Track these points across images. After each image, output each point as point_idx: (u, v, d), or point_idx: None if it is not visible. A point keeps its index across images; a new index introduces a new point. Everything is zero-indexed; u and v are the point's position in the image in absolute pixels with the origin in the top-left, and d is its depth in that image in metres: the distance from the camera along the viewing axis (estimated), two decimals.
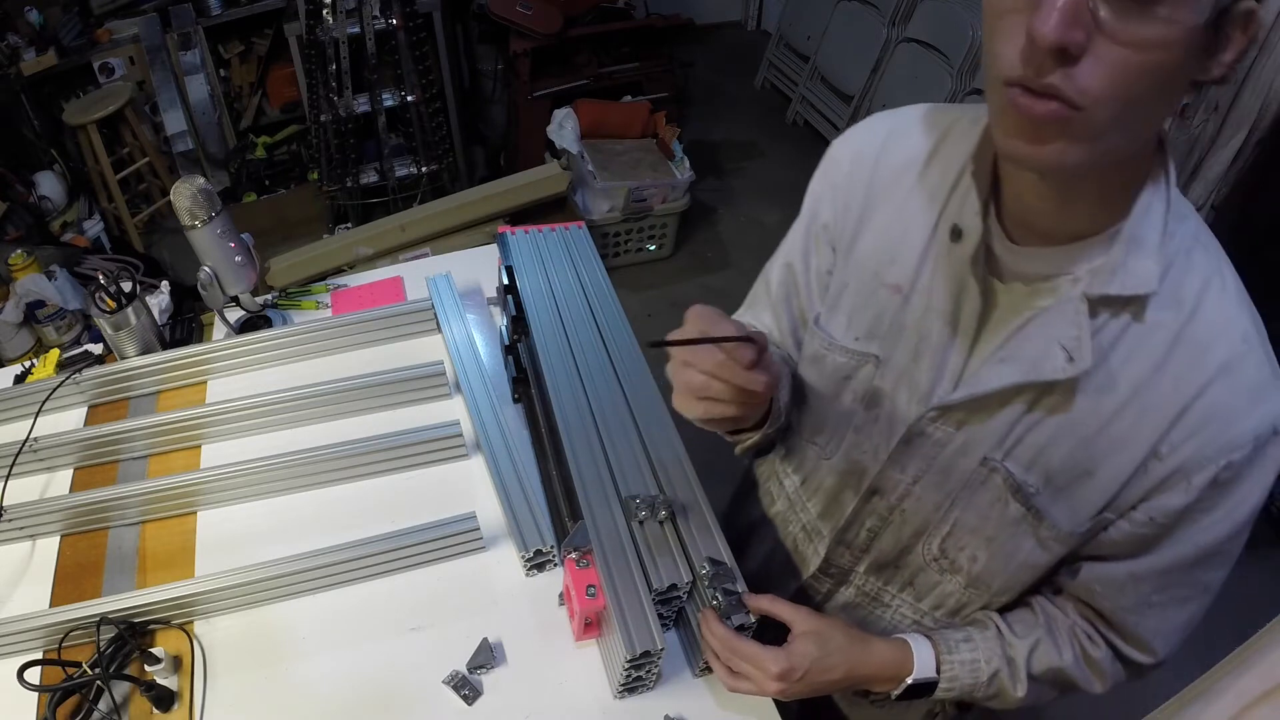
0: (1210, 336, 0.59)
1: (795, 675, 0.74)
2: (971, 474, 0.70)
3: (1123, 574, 0.70)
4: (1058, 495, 0.67)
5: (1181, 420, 0.60)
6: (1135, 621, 0.72)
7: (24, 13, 3.01)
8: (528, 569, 0.96)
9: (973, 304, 0.66)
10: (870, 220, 0.74)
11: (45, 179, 3.06)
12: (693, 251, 3.18)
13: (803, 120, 3.85)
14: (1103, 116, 0.49)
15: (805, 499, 0.91)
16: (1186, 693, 0.52)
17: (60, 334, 2.54)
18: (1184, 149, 2.16)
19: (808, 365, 0.83)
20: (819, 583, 0.91)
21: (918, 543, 0.79)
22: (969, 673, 0.76)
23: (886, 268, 0.72)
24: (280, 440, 1.12)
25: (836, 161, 0.78)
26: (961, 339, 0.68)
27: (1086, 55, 0.47)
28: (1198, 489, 0.62)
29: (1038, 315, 0.62)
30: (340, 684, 0.86)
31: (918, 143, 0.72)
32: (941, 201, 0.68)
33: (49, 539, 1.03)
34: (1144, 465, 0.63)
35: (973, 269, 0.64)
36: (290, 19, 2.91)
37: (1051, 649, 0.75)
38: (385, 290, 1.40)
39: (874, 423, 0.77)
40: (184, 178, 1.16)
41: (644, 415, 0.98)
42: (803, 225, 0.83)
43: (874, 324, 0.74)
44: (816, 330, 0.80)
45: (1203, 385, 0.59)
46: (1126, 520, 0.66)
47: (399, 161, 3.04)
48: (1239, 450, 0.60)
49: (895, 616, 0.87)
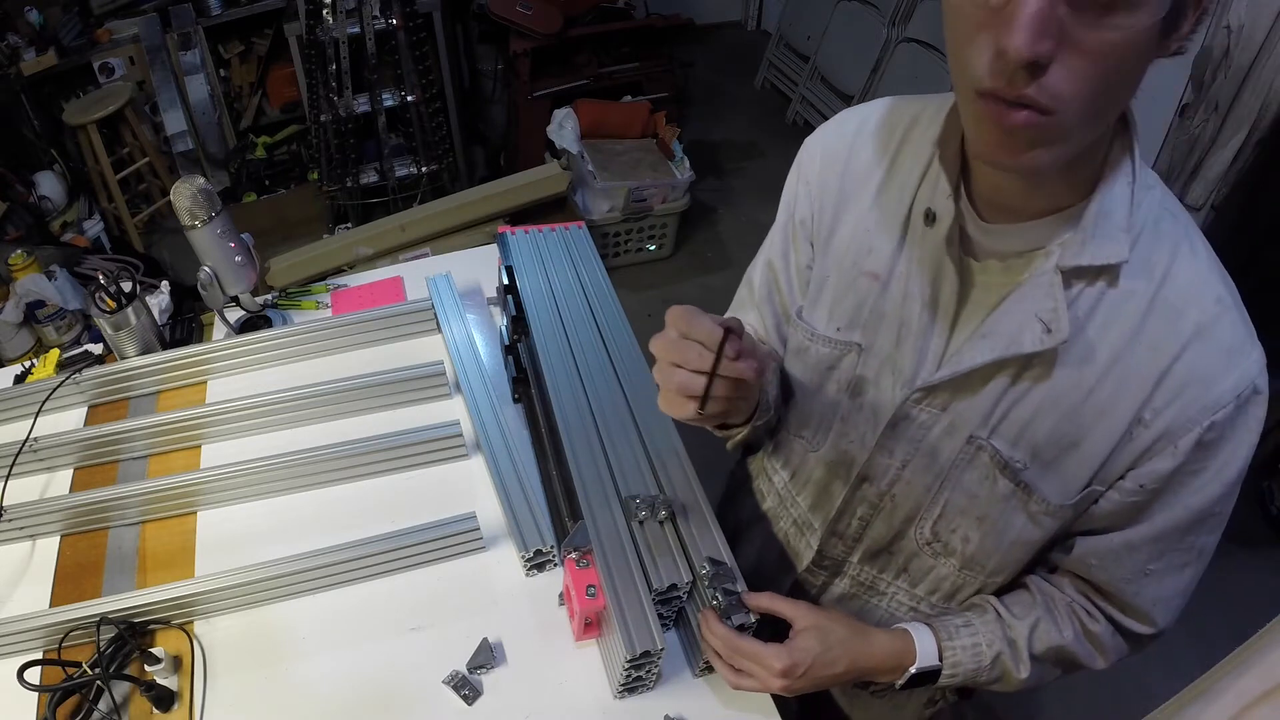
0: (1183, 301, 0.61)
1: (798, 671, 0.74)
2: (959, 454, 0.71)
3: (1118, 544, 0.70)
4: (1046, 469, 0.68)
5: (1162, 385, 0.62)
6: (1134, 591, 0.72)
7: (24, 13, 3.01)
8: (528, 569, 0.96)
9: (950, 285, 0.67)
10: (845, 213, 0.75)
11: (45, 179, 3.06)
12: (693, 251, 3.18)
13: (803, 120, 3.85)
14: (1074, 116, 0.51)
15: (795, 493, 0.91)
16: (1186, 693, 0.52)
17: (60, 334, 2.54)
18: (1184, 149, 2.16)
19: (792, 358, 0.85)
20: (814, 576, 0.91)
21: (909, 527, 0.79)
22: (971, 658, 0.76)
23: (864, 257, 0.74)
24: (280, 440, 1.12)
25: (809, 158, 0.80)
26: (941, 321, 0.69)
27: (1055, 62, 0.48)
28: (1184, 452, 0.63)
29: (1014, 291, 0.64)
30: (340, 684, 0.86)
31: (887, 134, 0.73)
32: (913, 188, 0.70)
33: (49, 539, 1.03)
34: (1129, 432, 0.64)
35: (948, 250, 0.66)
36: (290, 19, 2.91)
37: (1052, 627, 0.76)
38: (385, 290, 1.40)
39: (859, 411, 0.78)
40: (184, 178, 1.16)
41: (644, 415, 0.98)
42: (780, 223, 0.85)
43: (855, 313, 0.75)
44: (799, 323, 0.81)
45: (1179, 349, 0.61)
46: (1116, 490, 0.67)
47: (399, 161, 3.04)
48: (1221, 410, 0.61)
49: (892, 605, 0.87)
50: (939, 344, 0.70)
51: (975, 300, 0.67)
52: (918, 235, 0.69)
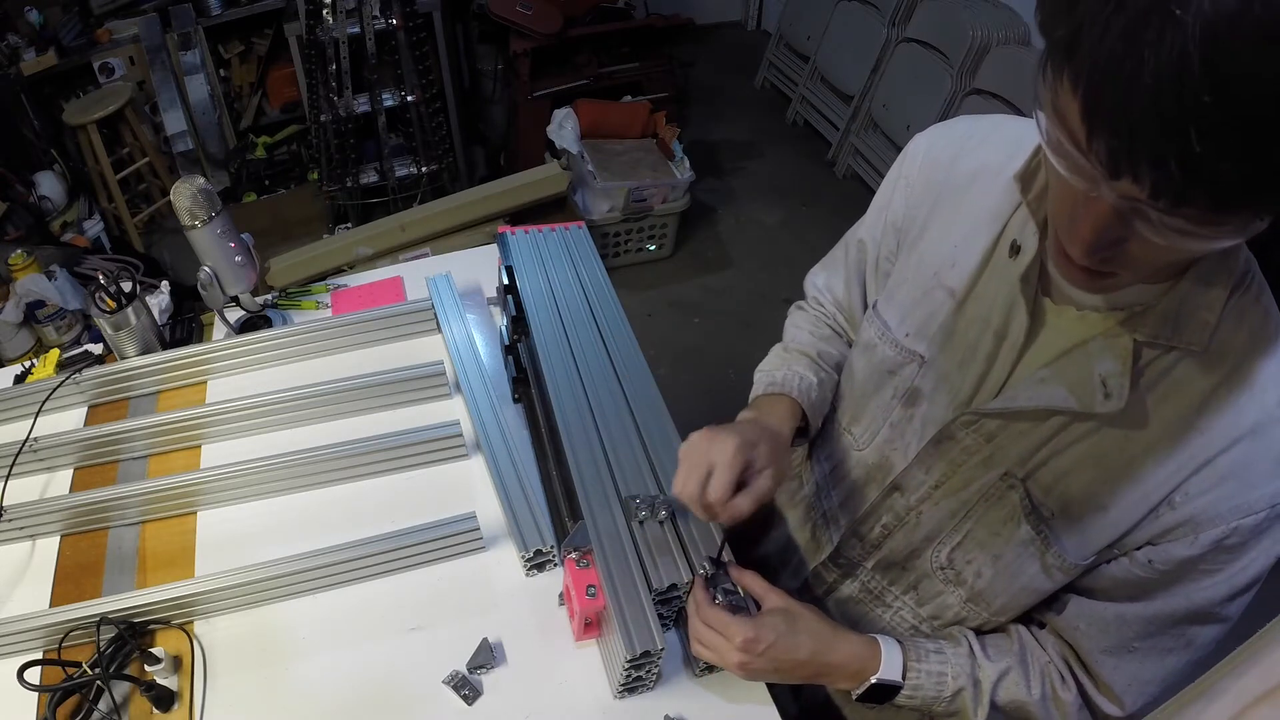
0: (1249, 396, 0.59)
1: (759, 647, 0.73)
2: (991, 487, 0.70)
3: (1110, 614, 0.69)
4: (1070, 524, 0.67)
5: (1201, 472, 0.60)
6: (1113, 665, 0.71)
7: (24, 13, 3.01)
8: (528, 569, 0.95)
9: (1021, 321, 0.66)
10: (936, 220, 0.75)
11: (45, 179, 3.06)
12: (693, 251, 3.18)
13: (803, 120, 3.86)
14: (1145, 276, 0.55)
15: (831, 486, 0.91)
16: (1186, 693, 0.52)
17: (60, 334, 2.54)
18: None
19: (859, 351, 0.85)
20: (827, 571, 0.91)
21: (928, 548, 0.79)
22: (934, 684, 0.75)
23: (946, 270, 0.73)
24: (280, 440, 1.12)
25: (912, 156, 0.79)
26: (1007, 353, 0.68)
27: (1131, 239, 0.49)
28: (1203, 545, 0.61)
29: (1084, 344, 0.63)
30: (340, 684, 0.86)
31: (992, 153, 0.72)
32: (1006, 214, 0.68)
33: (49, 539, 1.03)
34: (1156, 510, 0.62)
35: (1023, 289, 0.65)
36: (290, 19, 2.91)
37: (1021, 681, 0.74)
38: (385, 290, 1.40)
39: (909, 421, 0.78)
40: (184, 178, 1.16)
41: (644, 415, 0.98)
42: (877, 206, 0.84)
43: (925, 323, 0.75)
44: (874, 316, 0.81)
45: (1230, 442, 0.59)
46: (1129, 559, 0.66)
47: (399, 161, 3.04)
48: (1252, 515, 0.59)
49: (894, 619, 0.87)
50: (999, 374, 0.69)
51: (1044, 341, 0.66)
52: (1001, 263, 0.68)
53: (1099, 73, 0.42)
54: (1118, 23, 0.41)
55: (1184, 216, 0.44)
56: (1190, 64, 0.39)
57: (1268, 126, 0.39)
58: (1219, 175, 0.41)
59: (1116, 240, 0.49)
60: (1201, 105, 0.39)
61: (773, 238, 3.26)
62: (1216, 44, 0.38)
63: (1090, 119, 0.44)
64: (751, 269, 3.11)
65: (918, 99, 2.98)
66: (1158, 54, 0.39)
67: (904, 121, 3.07)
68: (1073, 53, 0.44)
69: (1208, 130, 0.40)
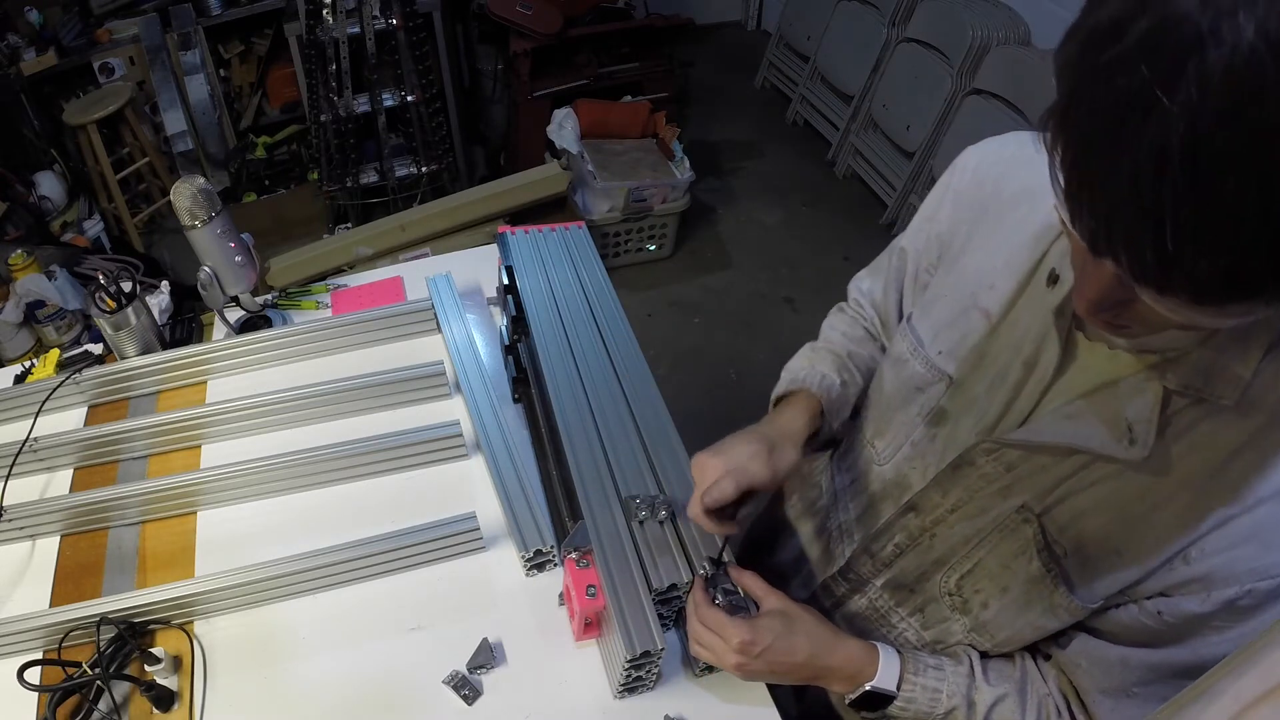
0: (1275, 457, 0.57)
1: (755, 649, 0.73)
2: (1006, 518, 0.70)
3: (1114, 657, 0.68)
4: (1083, 565, 0.66)
5: (1221, 529, 0.58)
6: (1110, 708, 0.70)
7: (24, 13, 3.01)
8: (528, 569, 0.96)
9: (1052, 353, 0.65)
10: (978, 238, 0.74)
11: (45, 179, 3.06)
12: (693, 251, 3.18)
13: (803, 120, 3.85)
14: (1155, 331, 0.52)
15: (849, 499, 0.91)
16: (1186, 693, 0.52)
17: (60, 334, 2.55)
18: None
19: (890, 364, 0.84)
20: (836, 585, 0.91)
21: (938, 572, 0.78)
22: (928, 699, 0.75)
23: (984, 292, 0.72)
24: (280, 440, 1.12)
25: (962, 169, 0.78)
26: (1035, 384, 0.67)
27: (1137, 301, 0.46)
28: (1214, 604, 0.59)
29: (1114, 384, 0.61)
30: (340, 684, 0.86)
31: (1038, 175, 0.71)
32: (1048, 242, 0.67)
33: (49, 539, 1.03)
34: (1170, 562, 0.61)
35: (1056, 320, 0.63)
36: (290, 19, 2.91)
37: (1016, 709, 0.73)
38: (385, 290, 1.40)
39: (931, 441, 0.77)
40: (184, 178, 1.16)
41: (644, 415, 0.98)
42: (923, 216, 0.83)
43: (958, 344, 0.74)
44: (907, 330, 0.80)
45: (1255, 501, 0.57)
46: (1138, 606, 0.65)
47: (399, 161, 3.04)
48: (1267, 580, 0.57)
49: (898, 639, 0.86)
50: (1026, 404, 0.68)
51: (1073, 376, 0.65)
52: (1038, 291, 0.66)
53: (1084, 148, 0.42)
54: (1106, 100, 0.40)
55: (1175, 300, 0.43)
56: (1170, 156, 0.37)
57: (1247, 227, 0.38)
58: (1197, 270, 0.40)
59: (1121, 301, 0.48)
60: (1179, 198, 0.38)
61: (773, 238, 3.26)
62: (1198, 139, 0.37)
63: (1073, 195, 0.43)
64: (751, 269, 3.11)
65: (918, 99, 2.98)
66: (1139, 141, 0.38)
67: (904, 122, 3.07)
68: (1064, 122, 0.43)
69: (1184, 223, 0.38)
